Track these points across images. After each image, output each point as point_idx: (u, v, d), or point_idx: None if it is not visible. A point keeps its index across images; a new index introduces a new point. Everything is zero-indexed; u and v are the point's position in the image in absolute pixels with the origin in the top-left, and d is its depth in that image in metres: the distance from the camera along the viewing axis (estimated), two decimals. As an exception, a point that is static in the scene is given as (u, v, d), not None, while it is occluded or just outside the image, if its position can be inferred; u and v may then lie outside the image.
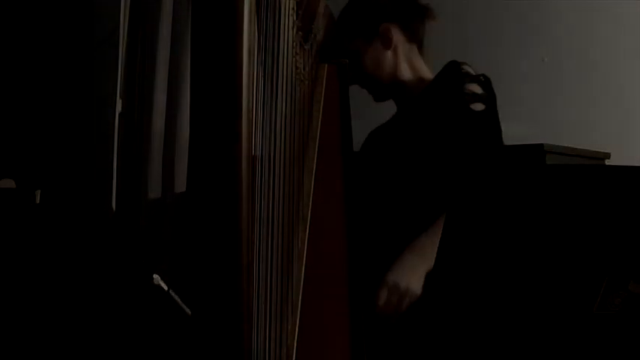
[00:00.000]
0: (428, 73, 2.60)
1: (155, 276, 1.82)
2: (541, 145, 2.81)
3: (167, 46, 3.00)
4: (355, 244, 1.78)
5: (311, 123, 2.08)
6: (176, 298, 1.82)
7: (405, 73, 2.58)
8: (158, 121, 2.96)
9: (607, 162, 3.22)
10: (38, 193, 2.66)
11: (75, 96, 2.85)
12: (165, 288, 1.82)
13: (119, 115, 2.89)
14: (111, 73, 2.89)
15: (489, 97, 2.38)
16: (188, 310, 1.86)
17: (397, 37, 2.55)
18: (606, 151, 3.24)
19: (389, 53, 2.55)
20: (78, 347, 2.52)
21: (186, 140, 2.87)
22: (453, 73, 2.44)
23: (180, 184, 2.94)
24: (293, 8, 1.73)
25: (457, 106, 2.33)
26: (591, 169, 1.84)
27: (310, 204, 1.86)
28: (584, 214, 1.43)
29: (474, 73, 2.43)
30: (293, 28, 1.75)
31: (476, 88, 2.36)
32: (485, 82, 2.40)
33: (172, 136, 2.97)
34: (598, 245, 1.43)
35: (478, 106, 2.34)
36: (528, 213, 1.48)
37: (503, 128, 2.41)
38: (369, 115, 2.60)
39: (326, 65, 2.30)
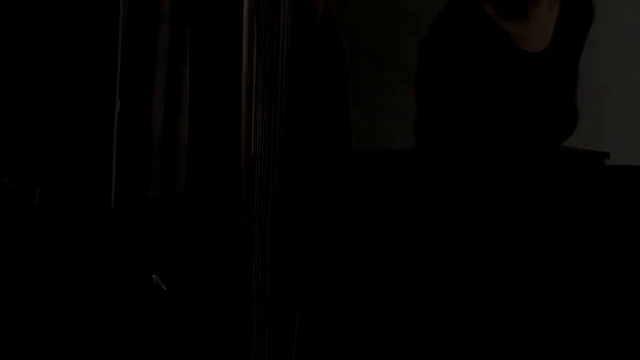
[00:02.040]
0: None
1: (154, 276, 1.82)
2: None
3: (167, 46, 3.00)
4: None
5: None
6: (175, 297, 1.82)
7: None
8: (158, 121, 2.97)
9: (607, 162, 3.22)
10: (37, 192, 2.66)
11: (75, 96, 2.85)
12: (165, 288, 1.82)
13: (119, 115, 2.89)
14: (111, 73, 2.90)
15: None
16: (187, 310, 1.86)
17: None
18: (606, 151, 3.24)
19: None
20: (78, 347, 2.52)
21: (186, 140, 2.88)
22: None
23: (180, 184, 2.94)
24: (293, 8, 1.73)
25: None
26: (591, 169, 1.84)
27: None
28: (583, 214, 1.44)
29: None
30: (293, 28, 1.75)
31: None
32: None
33: (172, 136, 2.98)
34: (597, 245, 1.43)
35: None
36: (529, 213, 1.48)
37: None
38: (371, 109, 2.59)
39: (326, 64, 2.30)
